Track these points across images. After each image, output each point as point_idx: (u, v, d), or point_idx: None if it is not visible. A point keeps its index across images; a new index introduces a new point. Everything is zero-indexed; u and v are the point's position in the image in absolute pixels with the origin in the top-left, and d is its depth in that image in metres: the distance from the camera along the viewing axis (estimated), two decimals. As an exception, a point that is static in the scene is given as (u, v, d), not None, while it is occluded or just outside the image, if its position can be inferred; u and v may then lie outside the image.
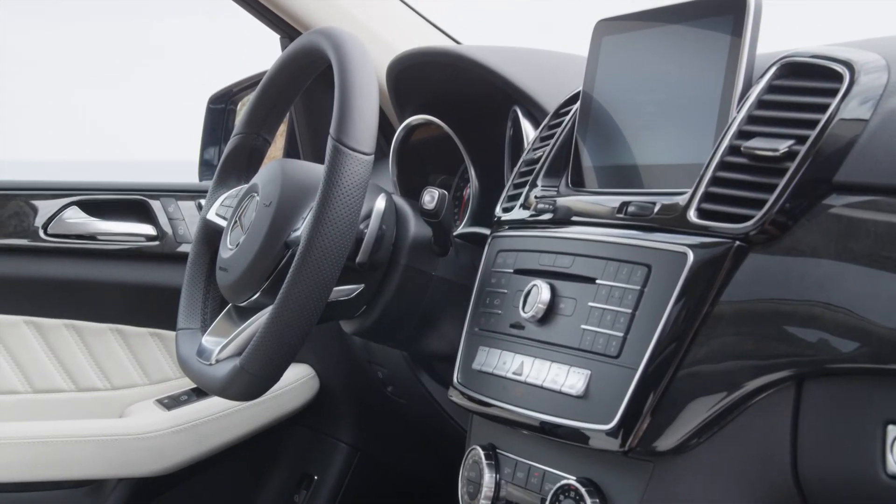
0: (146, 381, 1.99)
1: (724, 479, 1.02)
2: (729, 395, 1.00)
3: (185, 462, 1.91)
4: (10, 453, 1.81)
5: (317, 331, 1.24)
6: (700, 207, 1.04)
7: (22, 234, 1.92)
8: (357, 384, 1.92)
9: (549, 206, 1.23)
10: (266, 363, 1.23)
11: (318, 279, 1.19)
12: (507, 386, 1.18)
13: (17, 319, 1.91)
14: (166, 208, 1.98)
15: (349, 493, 1.98)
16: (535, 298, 1.16)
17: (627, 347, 1.05)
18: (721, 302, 1.01)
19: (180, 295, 1.48)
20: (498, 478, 1.21)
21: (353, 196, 1.19)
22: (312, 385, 1.99)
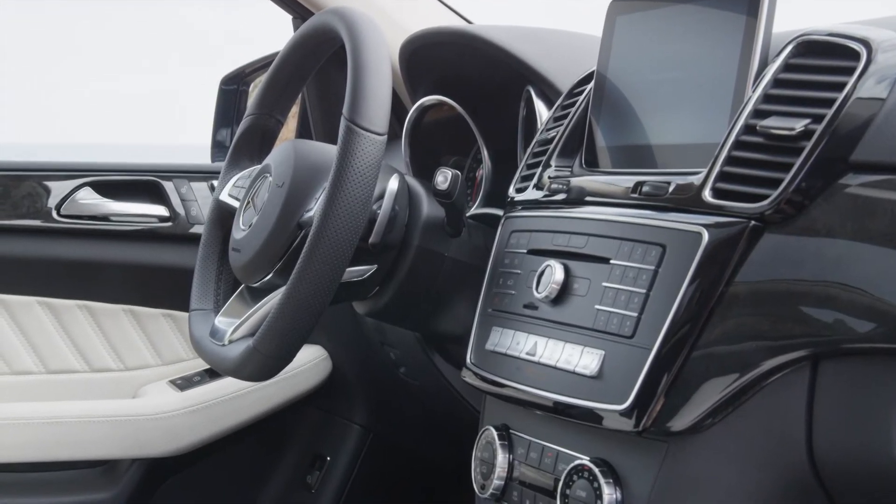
0: (159, 361, 1.99)
1: (738, 459, 1.02)
2: (744, 375, 1.00)
3: (198, 443, 1.91)
4: (24, 433, 1.82)
5: (329, 312, 1.24)
6: (715, 187, 1.03)
7: (35, 214, 1.92)
8: (369, 365, 1.92)
9: (563, 186, 1.23)
10: (279, 343, 1.23)
11: (330, 259, 1.19)
12: (521, 366, 1.18)
13: (31, 300, 1.92)
14: (179, 189, 1.98)
15: (362, 473, 1.98)
16: (548, 279, 1.16)
17: (642, 327, 1.04)
18: (736, 282, 1.00)
19: (193, 276, 1.48)
20: (511, 458, 1.21)
21: (366, 176, 1.19)
22: (325, 366, 1.99)
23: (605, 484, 1.07)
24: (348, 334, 1.89)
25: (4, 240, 1.92)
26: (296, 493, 2.02)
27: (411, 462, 1.98)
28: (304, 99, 1.96)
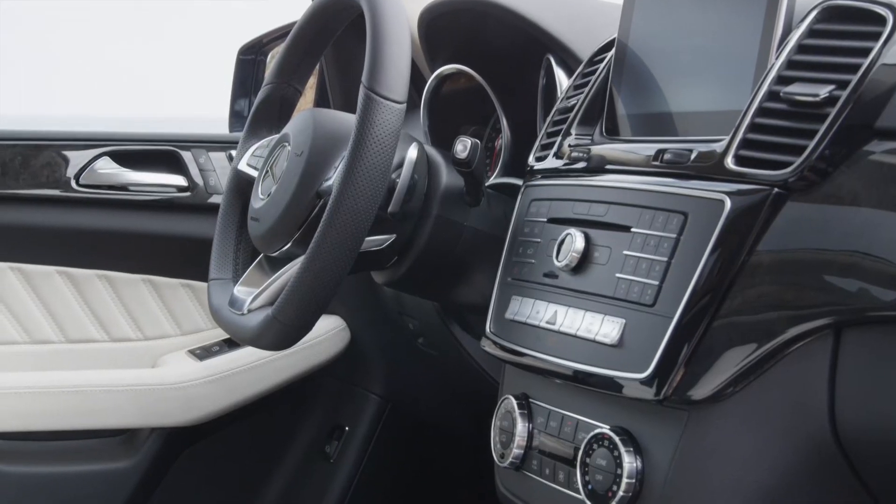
0: (178, 331, 2.00)
1: (760, 428, 1.01)
2: (766, 343, 0.99)
3: (216, 412, 1.92)
4: (45, 402, 1.83)
5: (347, 283, 1.24)
6: (738, 154, 1.02)
7: (54, 184, 1.93)
8: (388, 336, 1.92)
9: (583, 154, 1.22)
10: (298, 312, 1.23)
11: (350, 228, 1.18)
12: (541, 335, 1.17)
13: (51, 270, 1.92)
14: (197, 159, 1.98)
15: (380, 443, 1.99)
16: (568, 247, 1.15)
17: (663, 296, 1.04)
18: (758, 250, 1.00)
19: (211, 246, 1.48)
20: (531, 427, 1.21)
21: (385, 145, 1.18)
22: (343, 337, 1.99)
23: (626, 452, 1.07)
24: (367, 305, 1.89)
25: (24, 210, 1.92)
26: (314, 462, 2.03)
27: (430, 432, 1.98)
28: (322, 69, 1.95)
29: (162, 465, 1.95)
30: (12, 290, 1.90)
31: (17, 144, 1.92)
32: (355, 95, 1.21)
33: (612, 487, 1.07)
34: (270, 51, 2.12)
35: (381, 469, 1.99)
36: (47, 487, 1.86)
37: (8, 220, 1.91)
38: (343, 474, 1.98)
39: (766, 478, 1.02)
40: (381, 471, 1.99)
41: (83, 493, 1.87)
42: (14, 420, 1.83)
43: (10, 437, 1.85)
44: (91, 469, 1.89)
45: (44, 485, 1.86)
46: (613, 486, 1.07)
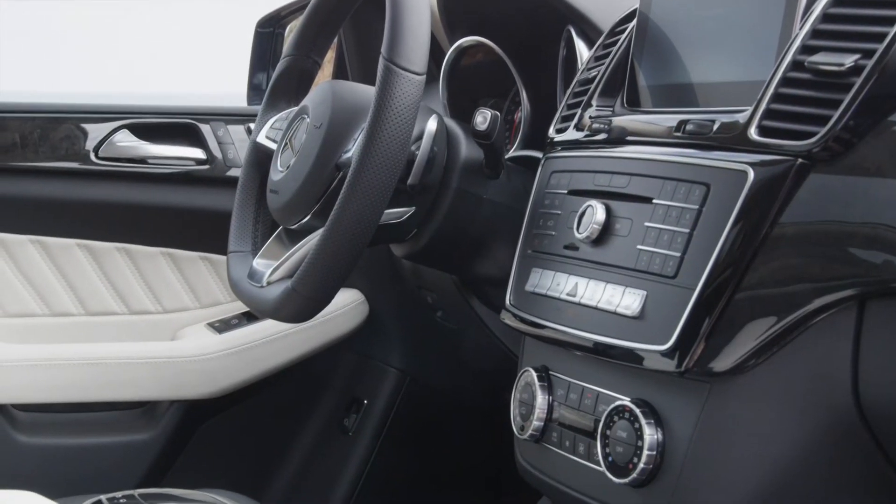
0: (197, 304, 2.00)
1: (782, 400, 1.01)
2: (788, 315, 0.99)
3: (235, 385, 1.92)
4: (65, 374, 1.84)
5: (366, 256, 1.24)
6: (761, 125, 1.02)
7: (73, 157, 1.93)
8: (407, 309, 1.92)
9: (604, 125, 1.21)
10: (317, 285, 1.23)
11: (369, 200, 1.18)
12: (561, 307, 1.17)
13: (70, 242, 1.93)
14: (216, 132, 1.98)
15: (398, 417, 1.99)
16: (589, 219, 1.15)
17: (685, 267, 1.03)
18: (781, 222, 0.99)
19: (230, 219, 1.48)
20: (551, 399, 1.20)
21: (404, 116, 1.18)
22: (362, 310, 1.99)
23: (647, 424, 1.06)
24: (385, 278, 1.89)
25: (43, 182, 1.92)
26: (333, 435, 2.03)
27: (448, 405, 1.98)
28: (340, 42, 1.95)
29: (181, 437, 1.95)
30: (32, 262, 1.91)
31: (36, 117, 1.92)
32: (373, 69, 1.20)
33: (632, 459, 1.07)
34: (288, 24, 2.12)
35: (400, 442, 1.99)
36: (68, 459, 1.87)
37: (28, 193, 1.92)
38: (361, 447, 1.98)
39: (788, 450, 1.01)
40: (399, 444, 1.99)
41: (103, 464, 1.88)
42: (34, 392, 1.84)
43: (31, 408, 1.86)
44: (111, 441, 1.90)
45: (64, 456, 1.87)
46: (634, 458, 1.07)
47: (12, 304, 1.91)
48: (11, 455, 1.83)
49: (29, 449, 1.84)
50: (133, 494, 1.08)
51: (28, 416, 1.86)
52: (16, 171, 1.91)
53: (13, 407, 1.85)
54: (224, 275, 1.95)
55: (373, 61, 1.24)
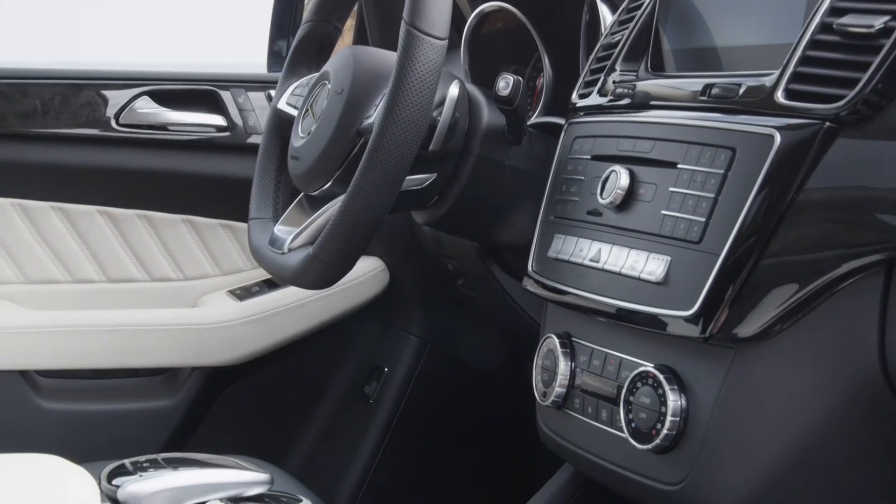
0: (218, 272, 2.00)
1: (808, 366, 1.00)
2: (815, 280, 0.98)
3: (256, 352, 1.93)
4: (87, 340, 1.84)
5: (387, 224, 1.23)
6: (788, 88, 1.00)
7: (94, 123, 1.93)
8: (427, 277, 1.91)
9: (628, 90, 1.20)
10: (339, 251, 1.22)
11: (391, 166, 1.17)
12: (584, 273, 1.16)
13: (92, 209, 1.93)
14: (236, 99, 1.97)
15: (419, 384, 1.99)
16: (613, 184, 1.14)
17: (710, 233, 1.02)
18: (808, 186, 0.98)
19: (250, 186, 1.48)
20: (573, 366, 1.20)
21: (426, 82, 1.17)
22: (382, 278, 1.99)
23: (670, 390, 1.06)
24: (406, 246, 1.89)
25: (64, 149, 1.92)
26: (353, 403, 2.04)
27: (468, 373, 1.98)
28: (360, 8, 1.93)
29: (203, 404, 1.96)
30: (54, 229, 1.91)
31: (57, 84, 1.92)
32: (394, 35, 1.19)
33: (655, 425, 1.07)
34: (309, -10, 2.11)
35: (420, 410, 1.99)
36: (90, 425, 1.88)
37: (49, 160, 1.92)
38: (382, 415, 1.99)
39: (813, 416, 1.01)
40: (420, 411, 1.99)
41: (125, 430, 1.89)
42: (56, 358, 1.85)
43: (53, 374, 1.87)
44: (133, 407, 1.91)
45: (87, 422, 1.88)
46: (657, 424, 1.06)
47: (34, 271, 1.91)
48: (35, 421, 1.84)
49: (52, 415, 1.85)
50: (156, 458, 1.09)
51: (51, 383, 1.87)
52: (37, 138, 1.91)
53: (36, 373, 1.86)
54: (245, 242, 1.95)
55: (393, 28, 1.23)
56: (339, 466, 1.98)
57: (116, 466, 1.08)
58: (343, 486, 1.96)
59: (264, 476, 1.07)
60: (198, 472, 1.07)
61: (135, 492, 1.03)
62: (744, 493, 1.04)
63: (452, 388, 2.00)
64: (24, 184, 1.91)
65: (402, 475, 1.99)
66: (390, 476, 1.98)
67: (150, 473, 1.05)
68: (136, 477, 1.04)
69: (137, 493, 1.03)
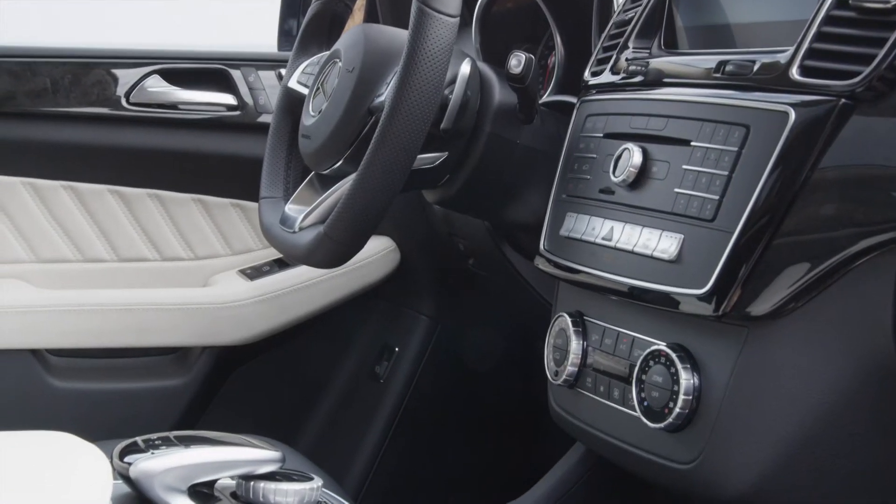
0: (228, 251, 2.00)
1: (821, 345, 1.00)
2: (828, 259, 0.97)
3: (267, 332, 1.93)
4: (98, 320, 1.85)
5: (398, 203, 1.23)
6: (803, 65, 1.00)
7: (104, 102, 1.92)
8: (438, 257, 1.91)
9: (641, 68, 1.20)
10: (350, 230, 1.22)
11: (402, 145, 1.17)
12: (596, 252, 1.16)
13: (102, 188, 1.93)
14: (246, 78, 1.97)
15: (429, 364, 1.99)
16: (626, 162, 1.13)
17: (723, 210, 1.02)
18: (823, 164, 0.97)
19: (261, 165, 1.47)
20: (585, 345, 1.20)
21: (438, 60, 1.16)
22: (393, 257, 1.99)
23: (683, 369, 1.05)
24: (417, 226, 1.88)
25: (75, 127, 1.92)
26: (364, 382, 2.04)
27: (479, 353, 1.98)
28: (371, -13, 1.93)
29: (213, 383, 1.96)
30: (65, 208, 1.91)
31: (67, 62, 1.91)
32: (405, 13, 1.19)
33: (668, 404, 1.06)
34: (319, -32, 2.09)
35: (431, 389, 1.99)
36: (101, 403, 1.88)
37: (59, 139, 1.92)
38: (393, 394, 1.99)
39: (827, 395, 1.00)
40: (430, 391, 1.99)
41: (136, 409, 1.89)
42: (67, 337, 1.85)
43: (65, 353, 1.87)
44: (144, 386, 1.91)
45: (98, 401, 1.88)
46: (670, 402, 1.06)
47: (45, 250, 1.91)
48: (46, 399, 1.84)
49: (63, 393, 1.86)
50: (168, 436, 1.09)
51: (62, 361, 1.87)
52: (47, 117, 1.91)
53: (47, 352, 1.86)
54: (255, 221, 1.95)
55: (404, 5, 1.22)
56: (349, 446, 1.98)
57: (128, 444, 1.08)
58: (353, 465, 1.96)
59: (276, 454, 1.07)
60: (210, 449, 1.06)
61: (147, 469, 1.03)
62: (757, 472, 1.04)
63: (463, 368, 2.00)
64: (35, 163, 1.90)
65: (413, 455, 1.99)
66: (400, 456, 1.98)
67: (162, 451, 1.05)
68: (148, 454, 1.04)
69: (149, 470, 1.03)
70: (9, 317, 1.82)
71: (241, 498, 1.08)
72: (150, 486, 1.04)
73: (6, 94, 1.88)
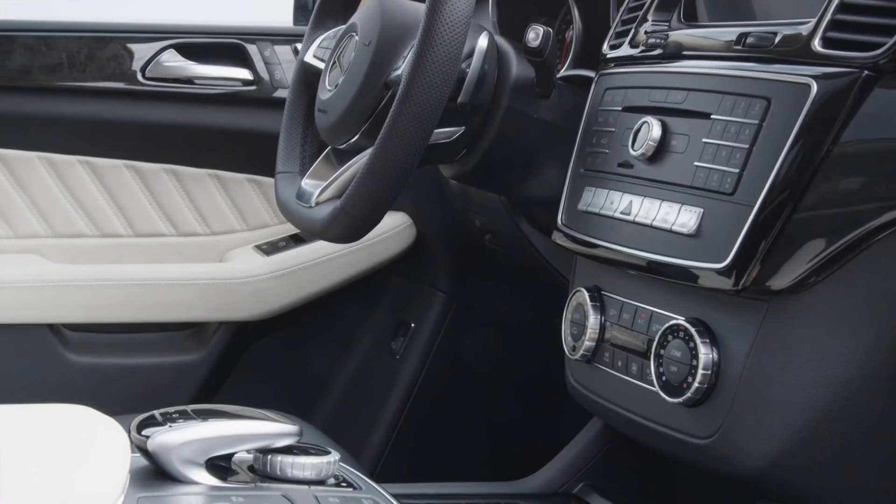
0: (244, 227, 2.00)
1: (842, 319, 0.99)
2: (850, 232, 0.97)
3: (283, 307, 1.93)
4: (115, 295, 1.85)
5: (414, 179, 1.23)
6: (825, 36, 0.99)
7: (120, 77, 1.92)
8: (454, 233, 1.91)
9: (660, 40, 1.19)
10: (367, 204, 1.22)
11: (419, 119, 1.16)
12: (615, 226, 1.15)
13: (118, 163, 1.92)
14: (262, 52, 1.96)
15: (446, 340, 1.99)
16: (645, 136, 1.12)
17: (743, 184, 1.01)
18: (845, 137, 0.97)
19: (277, 140, 1.47)
20: (603, 319, 1.19)
21: (455, 32, 1.16)
22: (409, 233, 1.98)
23: (702, 344, 1.05)
24: (433, 201, 1.88)
25: (91, 102, 1.92)
26: (380, 358, 2.04)
27: (495, 329, 1.98)
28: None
29: (230, 358, 1.97)
30: (81, 183, 1.91)
31: (83, 37, 1.91)
32: (423, -13, 1.18)
33: (686, 379, 1.06)
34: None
35: (447, 365, 1.99)
36: (118, 379, 1.89)
37: (75, 113, 1.91)
38: (409, 370, 1.98)
39: (847, 370, 1.00)
40: (446, 367, 1.99)
41: (153, 384, 1.89)
42: (84, 312, 1.85)
43: (81, 328, 1.88)
44: (161, 361, 1.91)
45: (114, 376, 1.89)
46: (688, 377, 1.06)
47: (62, 225, 1.92)
48: (63, 374, 1.85)
49: (80, 368, 1.86)
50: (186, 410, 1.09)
51: (78, 336, 1.88)
52: (63, 92, 1.91)
53: (64, 327, 1.87)
54: (272, 197, 1.95)
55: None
56: (365, 422, 1.98)
57: (146, 417, 1.08)
58: (370, 440, 1.96)
59: (294, 428, 1.07)
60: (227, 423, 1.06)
61: (164, 442, 1.03)
62: (775, 447, 1.04)
63: (479, 344, 1.99)
64: (51, 138, 1.90)
65: (428, 431, 1.99)
66: (417, 431, 1.98)
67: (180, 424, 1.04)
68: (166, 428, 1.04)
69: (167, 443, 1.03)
70: (25, 291, 1.82)
71: (258, 471, 1.08)
72: (167, 459, 1.04)
73: (22, 69, 1.88)
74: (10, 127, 1.89)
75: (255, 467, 1.08)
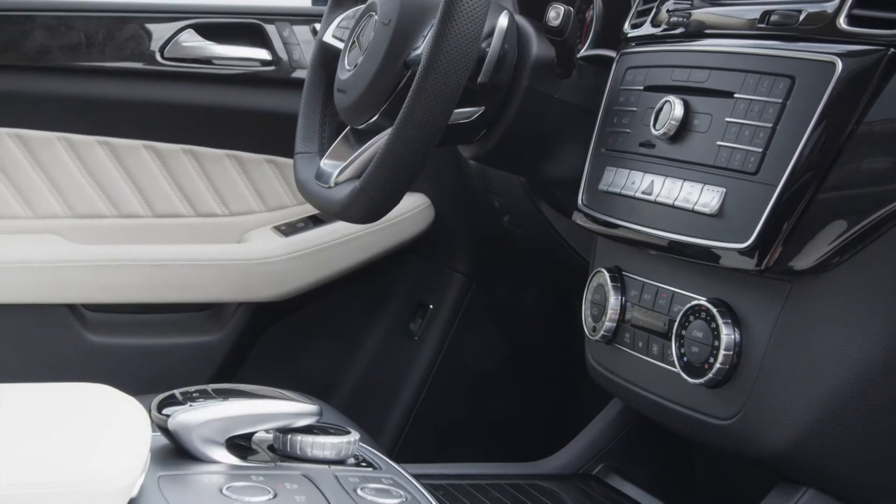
0: (263, 207, 2.00)
1: (865, 300, 0.98)
2: (874, 213, 0.96)
3: (302, 288, 1.93)
4: (134, 275, 1.85)
5: (433, 160, 1.22)
6: (851, 13, 0.98)
7: (139, 57, 1.92)
8: (473, 214, 1.90)
9: (683, 19, 1.18)
10: (386, 184, 1.21)
11: (438, 99, 1.16)
12: (636, 206, 1.15)
13: (137, 144, 1.92)
14: (281, 32, 1.96)
15: (464, 321, 1.98)
16: (667, 115, 1.12)
17: (767, 163, 1.00)
18: (870, 116, 0.96)
19: (296, 121, 1.46)
20: (623, 300, 1.19)
21: (475, 12, 1.15)
22: (428, 214, 1.98)
23: (724, 324, 1.04)
24: (452, 182, 1.88)
25: (110, 82, 1.92)
26: (398, 339, 2.04)
27: (513, 310, 1.98)
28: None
29: (248, 339, 1.97)
30: (100, 163, 1.91)
31: (102, 17, 1.91)
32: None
33: (708, 360, 1.05)
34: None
35: (465, 346, 1.99)
36: (137, 359, 1.89)
37: (94, 93, 1.91)
38: (427, 351, 1.98)
39: (869, 350, 0.99)
40: (464, 348, 1.99)
41: (172, 365, 1.90)
42: (103, 292, 1.86)
43: (100, 308, 1.88)
44: (180, 342, 1.92)
45: (134, 356, 1.89)
46: (710, 358, 1.05)
47: (81, 206, 1.92)
48: (82, 354, 1.86)
49: (99, 348, 1.87)
50: (206, 389, 1.09)
51: (98, 317, 1.88)
52: (82, 72, 1.90)
53: (83, 307, 1.87)
54: (290, 177, 1.95)
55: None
56: (383, 402, 1.99)
57: (166, 396, 1.08)
58: (388, 421, 1.97)
59: (314, 407, 1.07)
60: (247, 402, 1.06)
61: (185, 421, 1.03)
62: (797, 429, 1.03)
63: (497, 325, 1.99)
64: (70, 118, 1.90)
65: (447, 412, 1.99)
66: (434, 413, 1.98)
67: (200, 403, 1.05)
68: (186, 407, 1.04)
69: (187, 422, 1.03)
70: (45, 272, 1.83)
71: (278, 451, 1.08)
72: (188, 438, 1.04)
73: (42, 49, 1.88)
74: (29, 107, 1.89)
75: (275, 447, 1.08)
